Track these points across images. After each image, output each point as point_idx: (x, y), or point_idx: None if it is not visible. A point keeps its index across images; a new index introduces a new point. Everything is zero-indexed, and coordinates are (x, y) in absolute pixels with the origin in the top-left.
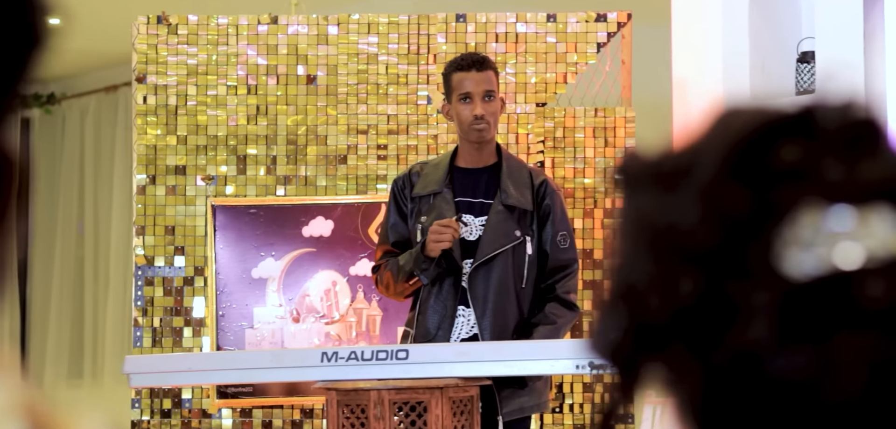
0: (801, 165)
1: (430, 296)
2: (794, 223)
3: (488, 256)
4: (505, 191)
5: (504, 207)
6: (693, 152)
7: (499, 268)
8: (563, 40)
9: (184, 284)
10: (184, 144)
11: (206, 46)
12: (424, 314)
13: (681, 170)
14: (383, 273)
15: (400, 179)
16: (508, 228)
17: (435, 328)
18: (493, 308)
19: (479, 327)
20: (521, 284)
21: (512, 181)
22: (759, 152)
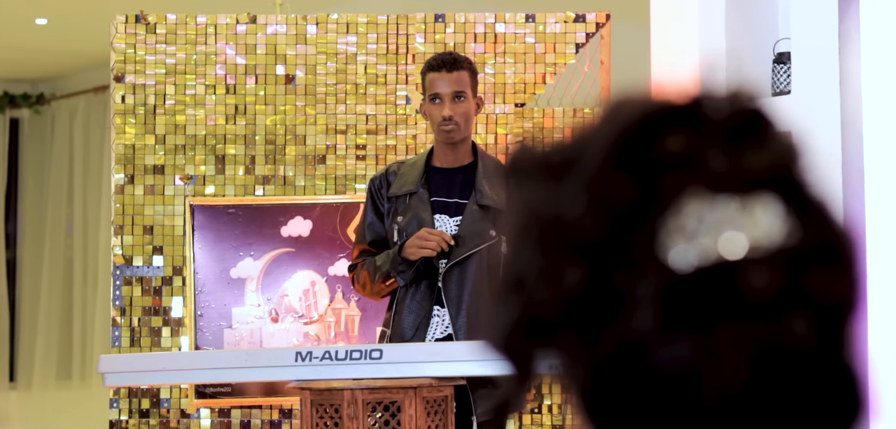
0: (685, 155)
1: (407, 296)
2: (678, 213)
3: (463, 256)
4: (480, 190)
5: (479, 207)
6: (581, 143)
7: (473, 268)
8: (542, 41)
9: (162, 284)
10: (162, 144)
11: (184, 46)
12: (400, 315)
13: (568, 161)
14: (360, 272)
15: (376, 178)
16: (483, 228)
17: (411, 328)
18: (467, 308)
19: (453, 328)
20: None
21: (487, 181)
22: (643, 142)
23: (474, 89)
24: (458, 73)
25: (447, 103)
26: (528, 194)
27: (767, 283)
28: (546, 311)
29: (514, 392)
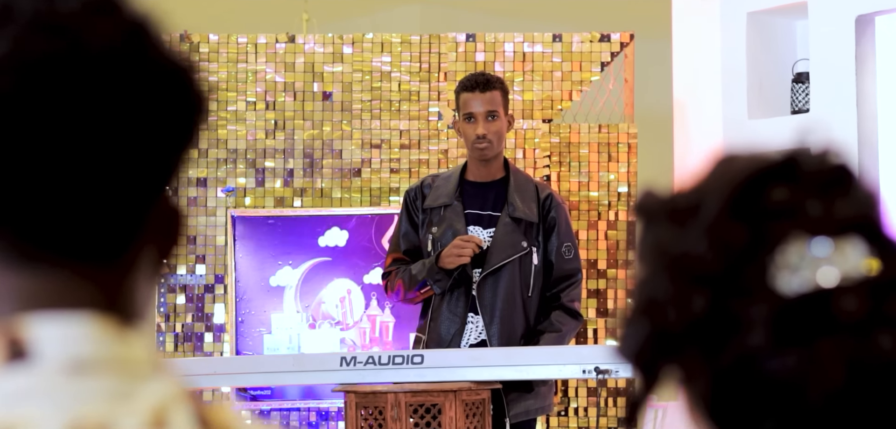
0: (787, 205)
1: (443, 304)
2: (784, 251)
3: (496, 265)
4: (512, 204)
5: (511, 220)
6: (698, 193)
7: (506, 277)
8: (569, 59)
9: (204, 292)
10: (205, 157)
11: (226, 64)
12: (437, 321)
13: (690, 208)
14: (393, 280)
15: (412, 190)
16: (515, 240)
17: (447, 335)
18: (500, 316)
19: (487, 334)
20: (528, 293)
21: (519, 195)
22: (753, 194)
23: (506, 107)
24: (490, 94)
25: (481, 122)
26: (656, 234)
27: (857, 306)
28: (674, 330)
29: (642, 397)
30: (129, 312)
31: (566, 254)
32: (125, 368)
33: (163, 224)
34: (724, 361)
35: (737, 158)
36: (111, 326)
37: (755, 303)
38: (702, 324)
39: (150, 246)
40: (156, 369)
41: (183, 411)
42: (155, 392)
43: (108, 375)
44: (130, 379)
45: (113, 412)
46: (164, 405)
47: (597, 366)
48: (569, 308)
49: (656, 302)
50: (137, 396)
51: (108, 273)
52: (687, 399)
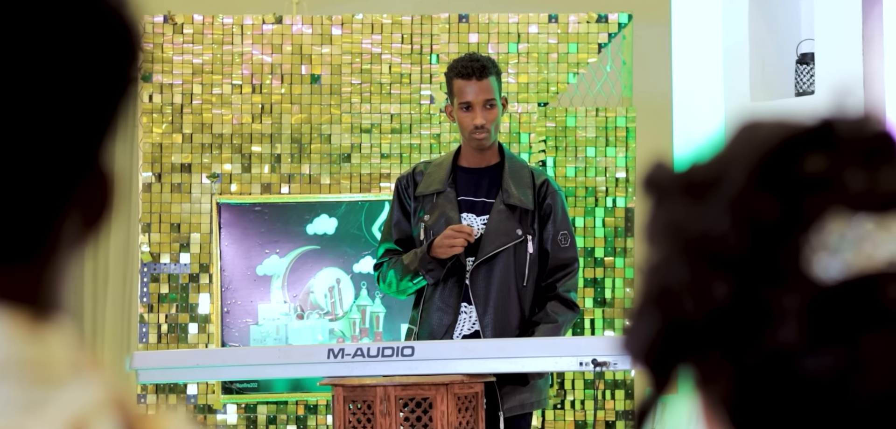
0: (825, 175)
1: (435, 294)
2: (822, 230)
3: (490, 254)
4: (506, 191)
5: (505, 207)
6: (720, 163)
7: (500, 266)
8: (565, 41)
9: (189, 281)
10: (189, 143)
11: (211, 46)
12: (429, 312)
13: (709, 180)
14: (386, 271)
15: (403, 177)
16: (510, 227)
17: (440, 326)
18: (494, 306)
19: (480, 324)
20: (523, 283)
21: (513, 181)
22: (784, 163)
23: (501, 92)
24: (487, 81)
25: (479, 112)
26: (670, 212)
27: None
28: (691, 321)
29: (653, 401)
30: (46, 303)
31: (562, 242)
32: (38, 372)
33: (88, 196)
34: (750, 359)
35: (763, 125)
36: (21, 322)
37: (788, 291)
38: (724, 316)
39: (74, 220)
40: (76, 372)
41: (107, 422)
42: (73, 400)
43: (15, 381)
44: (43, 385)
45: (20, 426)
46: (84, 416)
47: (594, 358)
48: (565, 299)
49: (670, 291)
50: (51, 405)
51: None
52: (705, 403)
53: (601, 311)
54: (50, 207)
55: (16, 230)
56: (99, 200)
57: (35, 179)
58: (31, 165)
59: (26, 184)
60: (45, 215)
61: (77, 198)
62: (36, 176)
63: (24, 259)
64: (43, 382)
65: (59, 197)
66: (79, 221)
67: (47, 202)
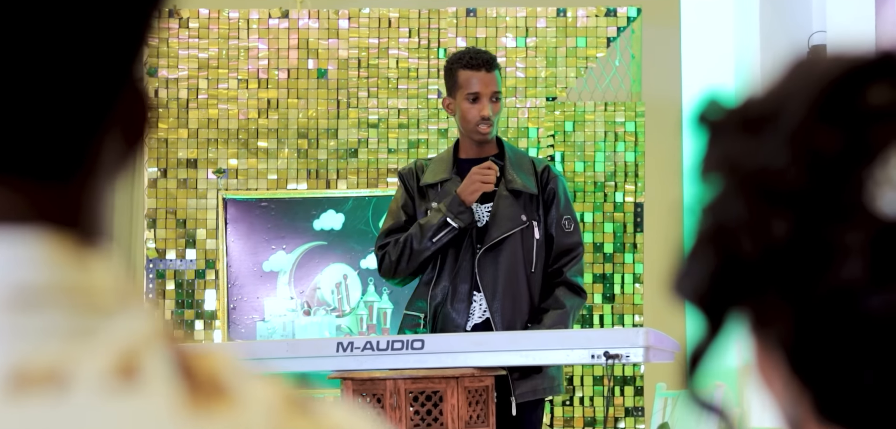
0: (890, 107)
1: (441, 281)
2: (886, 163)
3: (496, 239)
4: (509, 178)
5: (509, 193)
6: (777, 97)
7: (507, 253)
8: (573, 35)
9: (195, 277)
10: (195, 138)
11: (217, 40)
12: (436, 301)
13: (767, 114)
14: (393, 248)
15: (406, 169)
16: (515, 213)
17: (449, 314)
18: (502, 293)
19: (490, 312)
20: (531, 269)
21: (515, 168)
22: (847, 94)
23: (504, 88)
24: (494, 74)
25: (486, 103)
26: (726, 147)
27: None
28: (748, 261)
29: (706, 346)
30: (89, 228)
31: (566, 226)
32: (84, 299)
33: (127, 113)
34: (811, 298)
35: (820, 60)
36: (66, 246)
37: (851, 227)
38: (783, 253)
39: (114, 138)
40: (122, 302)
41: (159, 356)
42: (123, 331)
43: (62, 307)
44: (91, 313)
45: (69, 355)
46: (135, 348)
47: (606, 350)
48: (573, 284)
49: (726, 229)
50: (100, 334)
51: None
52: (760, 348)
53: (610, 306)
54: (89, 120)
55: (54, 145)
56: (138, 118)
57: (73, 90)
58: (68, 75)
59: (64, 96)
60: (84, 129)
61: (116, 114)
62: (74, 87)
63: (64, 177)
64: (90, 309)
65: (97, 110)
66: (119, 140)
67: (86, 115)
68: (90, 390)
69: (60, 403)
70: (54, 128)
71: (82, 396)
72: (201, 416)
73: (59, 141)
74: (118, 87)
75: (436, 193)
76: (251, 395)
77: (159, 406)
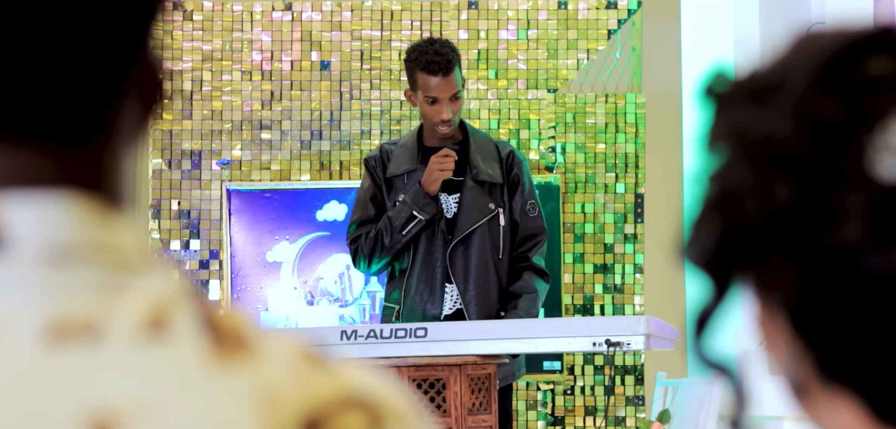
0: (889, 77)
1: (414, 275)
2: (885, 130)
3: (467, 231)
4: (475, 166)
5: (475, 183)
6: (782, 69)
7: (477, 242)
8: (574, 27)
9: (199, 268)
10: (199, 129)
11: (220, 33)
12: (411, 294)
13: (772, 85)
14: (365, 242)
15: (372, 157)
16: (482, 202)
17: (423, 307)
18: (475, 282)
19: (463, 301)
20: (499, 256)
21: (480, 156)
22: (848, 65)
23: (462, 78)
24: (452, 75)
25: (445, 107)
26: (732, 116)
27: None
28: (753, 225)
29: (712, 307)
30: (111, 190)
31: (530, 211)
32: (113, 257)
33: (142, 79)
34: (813, 259)
35: (823, 34)
36: (93, 207)
37: (851, 191)
38: (787, 216)
39: (132, 103)
40: (147, 262)
41: (186, 311)
42: (151, 287)
43: (93, 264)
44: (120, 271)
45: (102, 308)
46: (163, 304)
47: (607, 338)
48: (539, 268)
49: (733, 194)
50: (130, 290)
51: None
52: (764, 310)
53: (611, 297)
54: (108, 85)
55: (75, 108)
56: (152, 84)
57: (93, 57)
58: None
59: (84, 62)
60: (103, 94)
61: (133, 79)
62: (93, 54)
63: (85, 140)
64: (119, 267)
65: (116, 75)
66: (137, 105)
67: (105, 80)
68: (123, 340)
69: (95, 352)
70: (76, 93)
71: (116, 346)
72: (226, 366)
73: (81, 106)
74: (134, 54)
75: (402, 182)
76: (272, 348)
77: (188, 357)
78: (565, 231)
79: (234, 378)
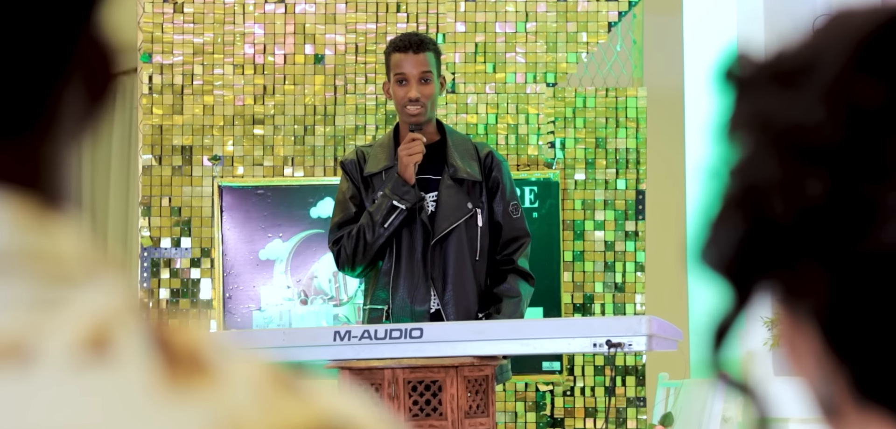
0: None
1: (401, 275)
2: None
3: (445, 231)
4: (452, 165)
5: (453, 181)
6: (812, 50)
7: (454, 243)
8: (574, 20)
9: (190, 266)
10: (190, 124)
11: (212, 25)
12: (397, 294)
13: (801, 66)
14: (348, 241)
15: (349, 160)
16: (460, 201)
17: (411, 307)
18: (452, 283)
19: (440, 303)
20: (476, 257)
21: (458, 155)
22: (888, 44)
23: (439, 71)
24: (424, 55)
25: (413, 85)
26: (756, 103)
27: None
28: (781, 224)
29: (733, 317)
30: (50, 190)
31: (513, 213)
32: (47, 266)
33: (88, 62)
34: (848, 264)
35: (858, 11)
36: (26, 208)
37: (893, 186)
38: (819, 215)
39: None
40: (89, 271)
41: (132, 329)
42: (92, 302)
43: (26, 275)
44: (56, 282)
45: (34, 326)
46: (106, 321)
47: (609, 339)
48: (523, 272)
49: (756, 190)
50: (67, 305)
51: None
52: (791, 321)
53: (611, 296)
54: (45, 68)
55: (6, 94)
56: (101, 68)
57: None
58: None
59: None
60: (40, 78)
61: (76, 62)
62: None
63: (20, 130)
64: (55, 278)
65: (55, 56)
66: (82, 93)
67: (42, 62)
68: (57, 364)
69: (25, 378)
70: (7, 76)
71: (48, 371)
72: (179, 393)
73: (13, 91)
74: (77, 30)
75: (380, 180)
76: (235, 371)
77: (133, 382)
78: (565, 228)
79: (189, 406)
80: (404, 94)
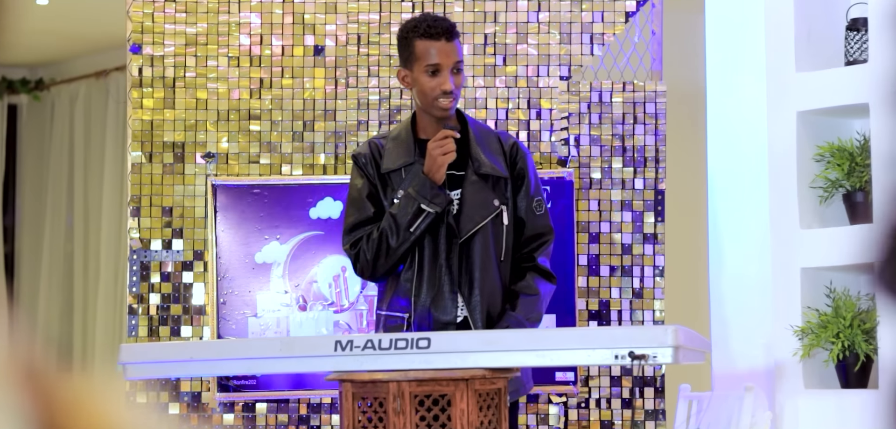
0: None
1: (423, 277)
2: None
3: (472, 231)
4: (476, 159)
5: (478, 177)
6: None
7: (480, 243)
8: (589, 10)
9: (182, 269)
10: (182, 120)
11: (205, 15)
12: (420, 299)
13: None
14: (367, 244)
15: (362, 155)
16: (486, 199)
17: (435, 314)
18: (480, 287)
19: (468, 309)
20: (501, 258)
21: (483, 148)
22: None
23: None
24: (455, 42)
25: (447, 76)
26: None
27: None
28: None
29: None
30: None
31: (537, 210)
32: None
33: None
34: None
35: None
36: None
37: None
38: None
39: None
40: None
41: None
42: None
43: None
44: None
45: None
46: None
47: (631, 350)
48: (545, 270)
49: None
50: None
51: None
52: None
53: (629, 302)
54: None
55: None
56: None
57: None
58: None
59: None
60: None
61: None
62: None
63: None
64: None
65: None
66: None
67: None
68: None
69: None
70: None
71: None
72: None
73: None
74: None
75: (399, 177)
76: None
77: None
78: (579, 230)
79: None
80: (437, 86)
